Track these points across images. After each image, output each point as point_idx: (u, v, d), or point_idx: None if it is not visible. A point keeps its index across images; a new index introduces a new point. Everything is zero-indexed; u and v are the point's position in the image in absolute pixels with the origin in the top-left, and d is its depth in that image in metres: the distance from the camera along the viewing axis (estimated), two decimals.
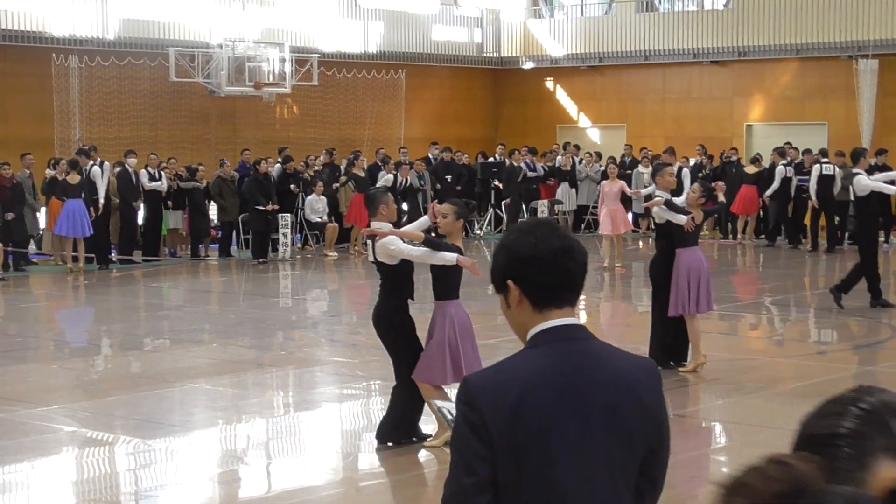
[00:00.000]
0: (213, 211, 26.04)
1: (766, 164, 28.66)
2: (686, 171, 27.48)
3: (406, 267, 9.67)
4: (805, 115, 32.67)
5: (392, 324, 9.79)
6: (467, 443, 2.99)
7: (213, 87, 29.73)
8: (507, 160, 30.31)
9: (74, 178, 22.85)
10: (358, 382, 13.01)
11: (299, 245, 26.84)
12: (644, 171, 29.86)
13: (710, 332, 16.95)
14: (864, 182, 16.98)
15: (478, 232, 29.54)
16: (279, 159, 27.17)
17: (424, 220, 10.23)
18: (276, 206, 24.76)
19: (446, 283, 9.66)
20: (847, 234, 27.11)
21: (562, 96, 37.26)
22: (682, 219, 12.57)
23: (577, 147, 32.11)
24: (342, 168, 27.99)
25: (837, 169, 26.32)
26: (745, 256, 26.97)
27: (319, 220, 26.35)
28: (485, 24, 37.46)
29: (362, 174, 26.96)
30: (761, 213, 28.90)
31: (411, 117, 34.99)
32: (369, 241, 9.87)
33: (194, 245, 25.35)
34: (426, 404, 9.79)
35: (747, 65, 33.72)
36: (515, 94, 37.84)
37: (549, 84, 37.45)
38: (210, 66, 29.51)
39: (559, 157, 31.19)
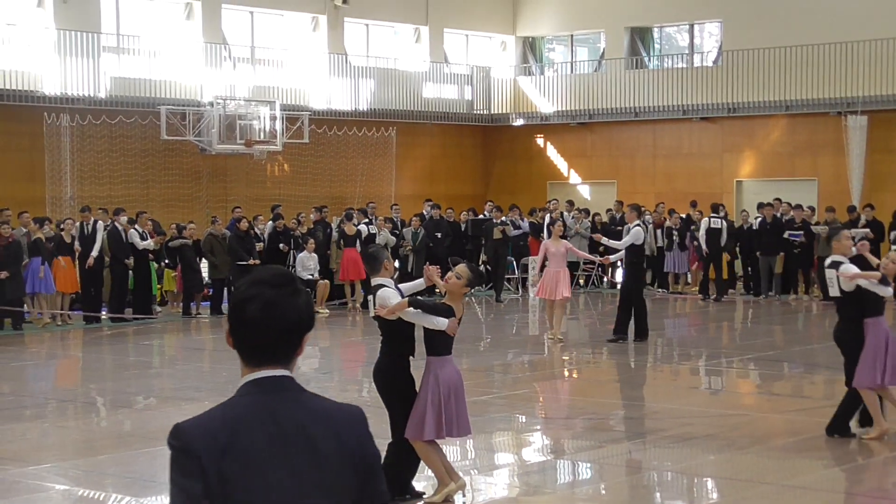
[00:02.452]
0: (204, 268, 26.07)
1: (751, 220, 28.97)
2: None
3: (406, 323, 9.65)
4: (795, 171, 32.84)
5: (392, 380, 9.80)
6: (181, 490, 3.21)
7: (204, 145, 29.84)
8: (486, 217, 30.45)
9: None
10: None
11: None
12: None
13: (699, 387, 16.98)
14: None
15: None
16: (271, 217, 27.22)
17: (420, 283, 10.30)
18: (258, 262, 24.81)
19: (437, 339, 9.64)
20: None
21: (552, 153, 37.42)
22: (888, 291, 12.03)
23: (571, 203, 32.18)
24: (332, 226, 28.02)
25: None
26: (722, 311, 27.01)
27: (311, 277, 26.37)
28: (475, 81, 37.69)
29: (353, 231, 27.09)
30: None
31: (402, 174, 35.10)
32: (370, 297, 9.87)
33: (186, 303, 25.35)
34: (422, 462, 9.78)
35: (737, 121, 33.93)
36: (506, 150, 38.00)
37: (540, 141, 37.63)
38: (201, 124, 29.64)
39: (547, 215, 31.32)
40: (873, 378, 12.08)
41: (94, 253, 23.81)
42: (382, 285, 9.75)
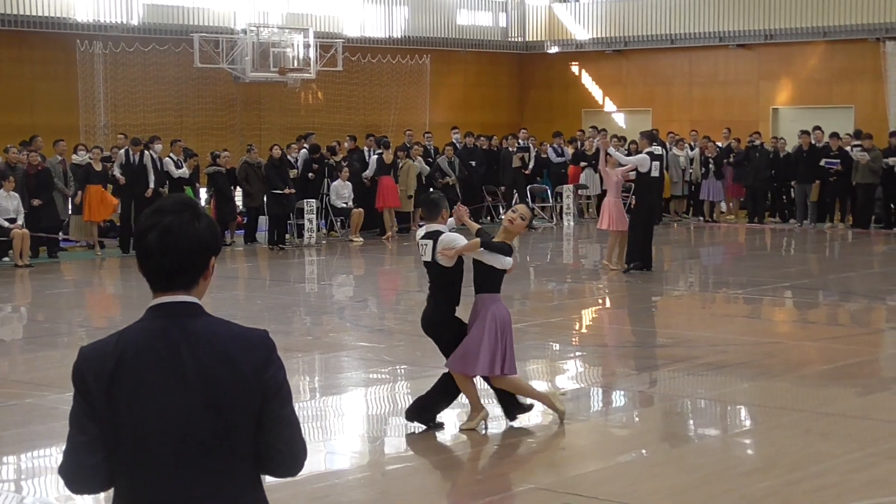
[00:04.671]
0: (238, 197, 26.10)
1: (789, 148, 28.76)
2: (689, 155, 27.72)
3: (458, 272, 9.79)
4: (832, 99, 32.51)
5: (445, 328, 9.92)
6: (78, 405, 3.39)
7: (238, 73, 29.79)
8: (502, 146, 30.26)
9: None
10: (384, 367, 13.05)
11: (325, 231, 26.89)
12: (679, 153, 29.84)
13: (734, 315, 16.94)
14: None
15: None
16: (305, 145, 27.19)
17: (451, 224, 10.28)
18: (293, 190, 24.84)
19: (493, 277, 9.75)
20: (874, 217, 27.17)
21: (587, 81, 37.17)
22: None
23: (604, 131, 31.99)
24: (367, 153, 27.96)
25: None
26: (756, 240, 26.91)
27: (345, 205, 26.39)
28: (510, 8, 37.39)
29: (390, 159, 27.15)
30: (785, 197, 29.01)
31: (436, 103, 34.97)
32: (427, 242, 9.88)
33: (220, 230, 25.39)
34: (462, 394, 9.96)
35: (774, 48, 33.56)
36: (540, 78, 37.78)
37: (575, 69, 37.37)
38: (234, 52, 29.57)
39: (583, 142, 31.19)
40: None
41: (152, 185, 23.57)
42: (439, 231, 9.83)
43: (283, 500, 7.56)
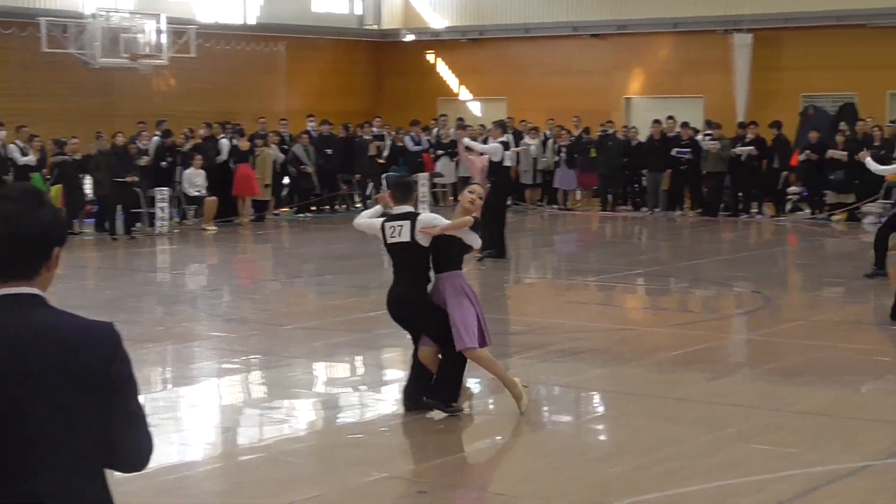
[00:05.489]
0: (88, 185, 25.58)
1: (641, 137, 29.24)
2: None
3: (427, 254, 9.97)
4: (682, 89, 33.09)
5: (430, 305, 9.98)
6: None
7: (88, 59, 29.14)
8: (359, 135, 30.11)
9: None
10: (237, 357, 12.90)
11: (178, 220, 26.51)
12: (531, 142, 30.08)
13: (587, 302, 17.15)
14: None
15: (357, 206, 29.45)
16: (157, 132, 26.76)
17: (378, 209, 10.55)
18: (136, 178, 24.38)
19: (459, 254, 10.11)
20: (722, 205, 27.78)
21: (443, 69, 37.25)
22: None
23: (462, 120, 32.08)
24: (221, 141, 27.62)
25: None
26: (609, 228, 27.31)
27: (198, 193, 26.04)
28: None
29: (246, 146, 26.94)
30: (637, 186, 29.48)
31: (292, 90, 34.74)
32: (402, 223, 9.93)
33: (68, 220, 24.86)
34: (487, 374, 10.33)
35: (626, 38, 34.03)
36: (396, 67, 37.76)
37: (431, 57, 37.42)
38: (84, 37, 28.91)
39: (437, 130, 31.27)
40: None
41: None
42: (413, 212, 10.06)
43: (133, 493, 7.41)
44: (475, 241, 10.12)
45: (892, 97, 30.53)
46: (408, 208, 10.09)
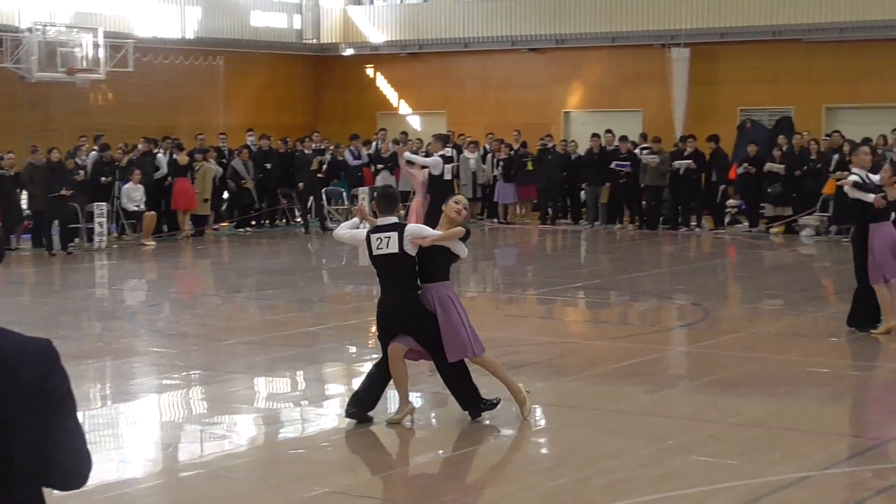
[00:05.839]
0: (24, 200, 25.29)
1: (580, 151, 29.42)
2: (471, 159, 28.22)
3: (416, 264, 10.00)
4: (621, 103, 33.32)
5: (420, 312, 10.01)
6: None
7: (24, 73, 28.87)
8: (299, 148, 29.96)
9: None
10: (177, 372, 12.81)
11: (116, 235, 26.29)
12: (470, 156, 30.13)
13: (528, 315, 17.20)
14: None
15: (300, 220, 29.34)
16: (95, 147, 26.53)
17: (356, 221, 10.64)
18: (70, 192, 24.15)
19: (447, 265, 10.17)
20: (661, 218, 27.99)
21: (382, 83, 37.28)
22: (870, 197, 13.48)
23: (405, 134, 32.05)
24: (158, 155, 27.44)
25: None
26: (549, 241, 27.41)
27: (136, 208, 25.85)
28: (304, 10, 37.24)
29: (185, 161, 26.81)
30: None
31: (232, 104, 34.61)
32: (390, 234, 9.91)
33: (5, 235, 24.57)
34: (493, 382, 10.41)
35: (564, 52, 34.22)
36: (336, 80, 37.74)
37: (370, 71, 37.44)
38: (19, 51, 28.64)
39: (377, 144, 31.25)
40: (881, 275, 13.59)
41: None
42: (400, 223, 10.08)
43: None
44: (462, 250, 10.14)
45: (827, 111, 30.92)
46: (393, 219, 10.10)
